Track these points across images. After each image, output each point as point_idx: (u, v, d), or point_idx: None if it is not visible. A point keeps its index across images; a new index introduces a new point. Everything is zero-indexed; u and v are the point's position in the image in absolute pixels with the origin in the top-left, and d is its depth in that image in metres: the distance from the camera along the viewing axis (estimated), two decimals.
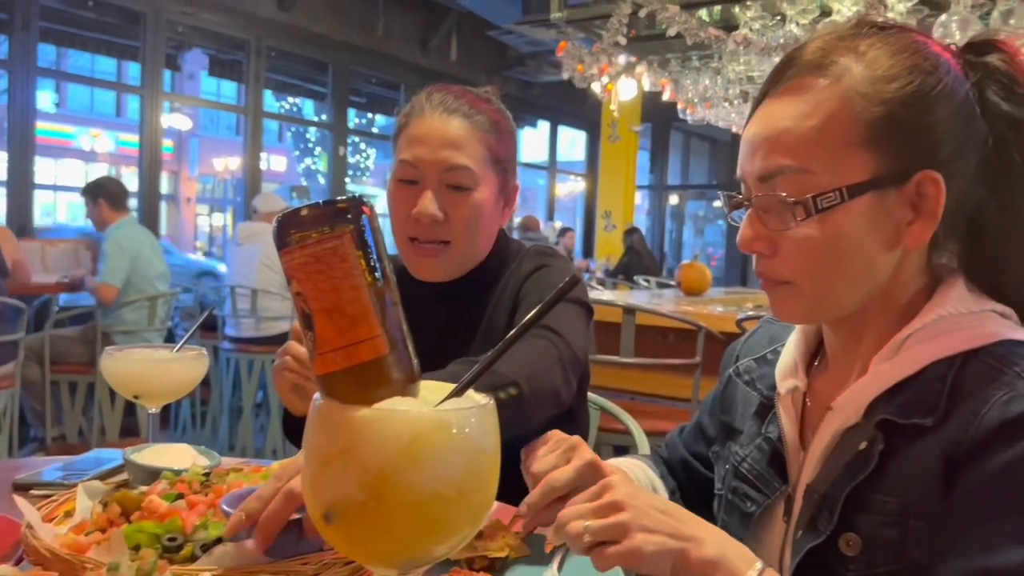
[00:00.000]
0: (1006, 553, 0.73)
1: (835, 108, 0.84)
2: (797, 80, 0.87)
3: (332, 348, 0.67)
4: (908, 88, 0.84)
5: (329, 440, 0.66)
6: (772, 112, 0.88)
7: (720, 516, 1.03)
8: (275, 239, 0.69)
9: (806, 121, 0.85)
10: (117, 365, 1.21)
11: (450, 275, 1.44)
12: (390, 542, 0.67)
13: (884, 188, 0.84)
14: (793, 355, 1.00)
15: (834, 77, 0.85)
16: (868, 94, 0.84)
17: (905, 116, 0.83)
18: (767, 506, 0.96)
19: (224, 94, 15.30)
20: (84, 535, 0.90)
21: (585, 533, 0.79)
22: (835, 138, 0.84)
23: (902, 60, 0.85)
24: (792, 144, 0.85)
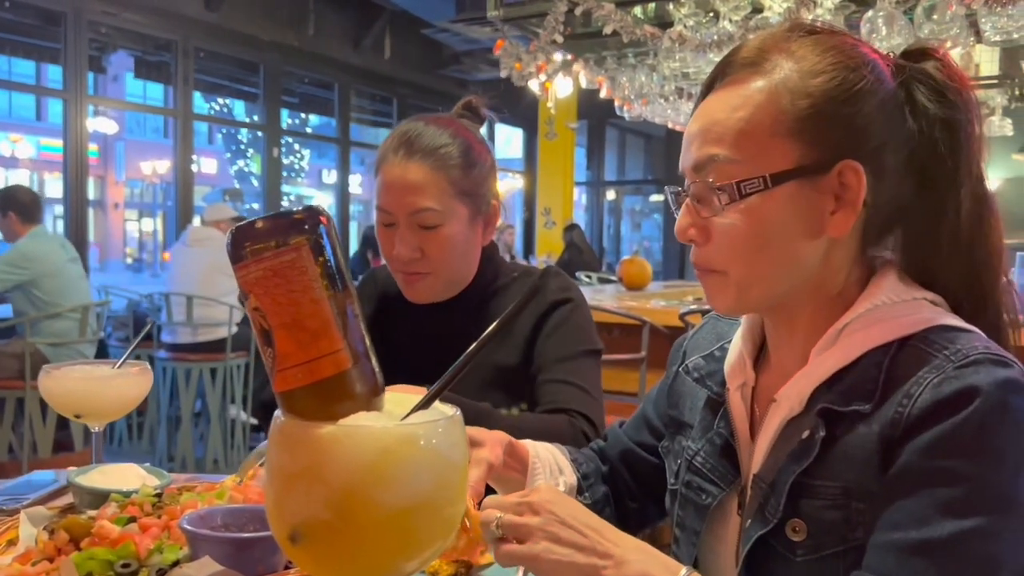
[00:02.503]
0: (939, 525, 0.77)
1: (763, 101, 0.89)
2: (733, 77, 0.93)
3: (293, 364, 0.65)
4: (832, 82, 0.88)
5: (292, 459, 0.64)
6: (708, 107, 0.94)
7: (675, 511, 1.04)
8: (230, 253, 0.66)
9: (735, 113, 0.90)
10: (56, 384, 1.16)
11: (439, 297, 1.53)
12: (359, 561, 0.65)
13: (807, 177, 0.88)
14: (740, 351, 1.02)
15: (765, 73, 0.90)
16: (795, 88, 0.88)
17: (828, 109, 0.88)
18: (722, 499, 0.98)
19: (151, 96, 14.91)
20: (31, 565, 0.86)
21: (494, 523, 0.83)
22: (761, 128, 0.88)
23: (828, 57, 0.90)
24: (721, 134, 0.90)
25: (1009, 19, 2.93)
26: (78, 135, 6.41)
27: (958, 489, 0.77)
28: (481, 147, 1.52)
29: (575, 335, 1.50)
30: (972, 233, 0.91)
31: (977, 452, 0.77)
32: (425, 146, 1.44)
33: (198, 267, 5.47)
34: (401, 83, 9.45)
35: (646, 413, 1.21)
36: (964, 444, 0.77)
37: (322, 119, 12.00)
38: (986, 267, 0.93)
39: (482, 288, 1.56)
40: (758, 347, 1.03)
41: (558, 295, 1.52)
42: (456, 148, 1.46)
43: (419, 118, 1.53)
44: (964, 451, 0.77)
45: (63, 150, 6.46)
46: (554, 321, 1.50)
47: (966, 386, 0.78)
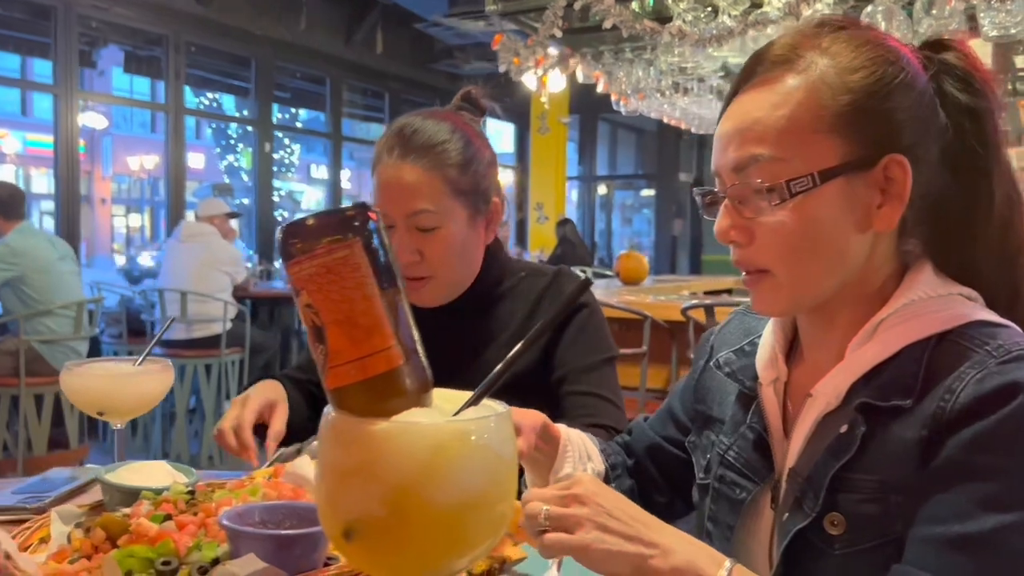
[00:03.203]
0: (980, 519, 0.77)
1: (803, 98, 0.89)
2: (766, 75, 0.93)
3: (345, 360, 0.65)
4: (872, 78, 0.89)
5: (347, 455, 0.64)
6: (743, 106, 0.93)
7: (707, 505, 1.05)
8: (281, 250, 0.66)
9: (776, 111, 0.89)
10: (80, 381, 1.15)
11: (441, 301, 1.49)
12: (412, 557, 0.65)
13: (853, 172, 0.88)
14: (772, 346, 1.02)
15: (801, 70, 0.91)
16: (834, 84, 0.89)
17: (869, 104, 0.88)
18: (755, 494, 0.98)
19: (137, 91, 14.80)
20: (67, 563, 0.86)
21: (541, 515, 0.82)
22: (804, 126, 0.88)
23: (864, 52, 0.90)
24: (763, 133, 0.90)
25: (1008, 14, 2.95)
26: (69, 130, 6.36)
27: (999, 484, 0.78)
28: (481, 141, 1.47)
29: (596, 343, 1.48)
30: (1004, 223, 0.92)
31: (1019, 447, 0.78)
32: (420, 144, 1.40)
33: (192, 263, 5.45)
34: (393, 77, 9.41)
35: (672, 408, 1.21)
36: (1007, 439, 0.78)
37: (311, 113, 11.94)
38: (1018, 258, 0.94)
39: (487, 290, 1.52)
40: (789, 342, 1.03)
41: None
42: (454, 144, 1.41)
43: (416, 113, 1.48)
44: (1007, 446, 0.78)
45: (53, 146, 6.41)
46: (574, 328, 1.47)
47: (1009, 382, 0.79)
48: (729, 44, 3.34)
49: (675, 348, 3.27)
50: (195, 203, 7.55)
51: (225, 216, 5.80)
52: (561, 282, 1.52)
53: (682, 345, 3.25)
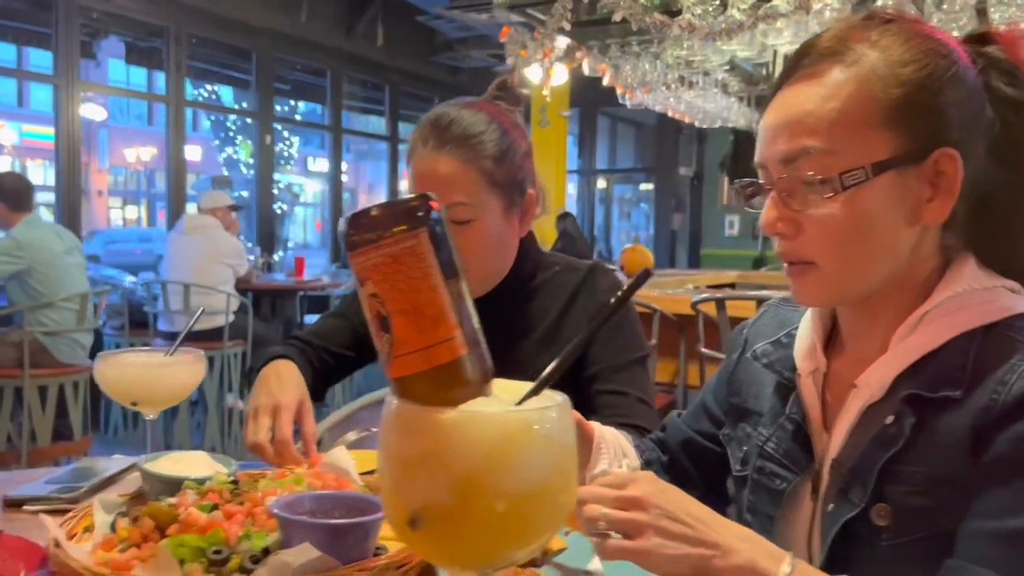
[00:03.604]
0: None
1: (855, 90, 0.89)
2: (813, 67, 0.93)
3: (411, 350, 0.65)
4: (924, 71, 0.89)
5: (413, 444, 0.65)
6: (791, 98, 0.93)
7: (745, 496, 1.05)
8: (344, 241, 0.66)
9: (827, 104, 0.89)
10: (115, 372, 1.16)
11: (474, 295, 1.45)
12: (476, 547, 0.66)
13: (904, 166, 0.89)
14: (811, 337, 1.03)
15: (850, 62, 0.91)
16: (886, 77, 0.89)
17: (921, 97, 0.88)
18: (795, 484, 0.99)
19: (134, 82, 14.75)
20: (117, 551, 0.86)
21: (601, 520, 0.81)
22: (856, 119, 0.89)
23: (916, 45, 0.90)
24: (815, 126, 0.90)
25: (1018, 8, 2.95)
26: (70, 122, 6.34)
27: None
28: (517, 132, 1.46)
29: (630, 341, 1.47)
30: None
31: None
32: (457, 135, 1.38)
33: (195, 255, 5.44)
34: (393, 70, 9.39)
35: (705, 402, 1.22)
36: None
37: (308, 106, 11.90)
38: None
39: (520, 283, 1.50)
40: (828, 333, 1.04)
41: (610, 296, 1.48)
42: (490, 136, 1.40)
43: (452, 103, 1.47)
44: None
45: (54, 138, 6.38)
46: (608, 326, 1.46)
47: None
48: (738, 38, 3.34)
49: (683, 342, 3.28)
50: (195, 196, 7.55)
51: (228, 208, 5.80)
52: (596, 277, 1.51)
53: (691, 339, 3.25)
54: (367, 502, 0.89)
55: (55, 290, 4.45)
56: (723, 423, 1.17)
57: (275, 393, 1.33)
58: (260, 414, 1.28)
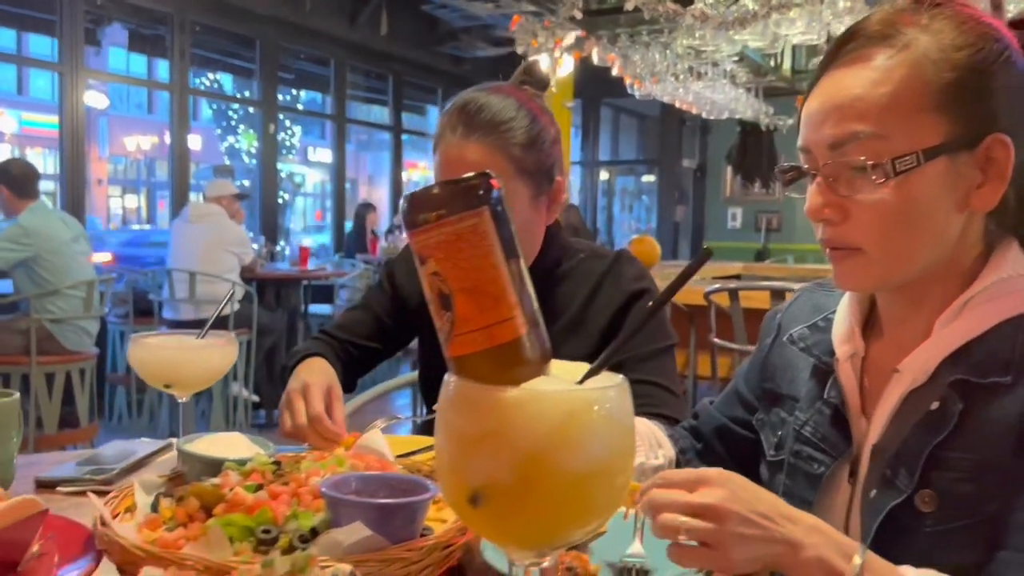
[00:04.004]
0: None
1: (907, 75, 0.88)
2: (861, 51, 0.91)
3: (472, 328, 0.65)
4: (978, 55, 0.88)
5: (475, 422, 0.65)
6: (838, 82, 0.92)
7: (781, 481, 1.05)
8: (406, 218, 0.66)
9: (878, 88, 0.89)
10: (148, 354, 1.15)
11: None
12: (536, 524, 0.66)
13: (956, 151, 0.88)
14: (849, 321, 1.03)
15: (901, 47, 0.89)
16: (938, 61, 0.88)
17: (974, 81, 0.88)
18: (833, 469, 0.99)
19: (134, 70, 14.69)
20: (162, 531, 0.86)
21: (680, 530, 0.79)
22: (908, 104, 0.88)
23: (968, 29, 0.89)
24: (865, 110, 0.89)
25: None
26: (75, 110, 6.32)
27: None
28: (546, 118, 1.45)
29: (656, 330, 1.46)
30: None
31: None
32: (485, 122, 1.37)
33: (199, 243, 5.44)
34: (397, 60, 9.36)
35: (738, 389, 1.22)
36: None
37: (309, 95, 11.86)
38: None
39: (546, 270, 1.50)
40: (866, 317, 1.03)
41: (635, 285, 1.47)
42: (520, 122, 1.39)
43: (480, 88, 1.46)
44: None
45: (58, 126, 6.36)
46: (635, 314, 1.45)
47: None
48: (751, 27, 3.33)
49: (694, 332, 3.28)
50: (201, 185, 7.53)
51: (233, 197, 5.79)
52: (621, 265, 1.51)
53: (702, 329, 3.25)
54: (412, 483, 0.89)
55: (61, 278, 4.44)
56: (755, 409, 1.16)
57: (304, 380, 1.35)
58: (292, 399, 1.30)
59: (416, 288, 1.65)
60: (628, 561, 0.91)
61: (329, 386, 1.36)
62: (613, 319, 1.46)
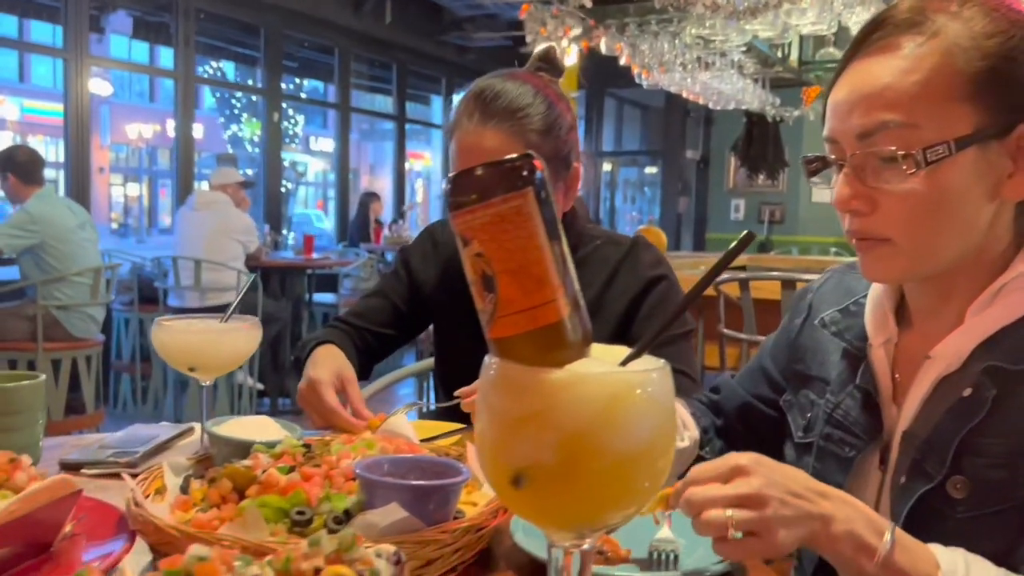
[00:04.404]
0: None
1: (937, 63, 0.87)
2: (889, 39, 0.90)
3: (516, 310, 0.65)
4: (1009, 43, 0.87)
5: (519, 403, 0.65)
6: (867, 71, 0.91)
7: (810, 463, 1.05)
8: (449, 199, 0.66)
9: (908, 76, 0.87)
10: (173, 337, 1.15)
11: None
12: (577, 505, 0.66)
13: (987, 141, 0.87)
14: (883, 308, 1.02)
15: (930, 34, 0.88)
16: (969, 49, 0.87)
17: (1007, 69, 0.87)
18: (864, 453, 0.99)
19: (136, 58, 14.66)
20: (194, 512, 0.86)
21: (728, 525, 0.78)
22: (939, 92, 0.87)
23: (999, 16, 0.88)
24: (894, 99, 0.88)
25: None
26: (79, 97, 6.30)
27: None
28: (563, 105, 1.44)
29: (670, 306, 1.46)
30: None
31: None
32: (502, 108, 1.37)
33: (205, 231, 5.44)
34: (401, 48, 9.34)
35: (764, 366, 1.21)
36: None
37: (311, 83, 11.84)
38: None
39: None
40: (897, 303, 1.03)
41: (653, 271, 1.47)
42: (537, 108, 1.38)
43: (496, 75, 1.45)
44: None
45: (63, 114, 6.34)
46: (652, 301, 1.45)
47: None
48: (762, 17, 3.32)
49: (702, 322, 3.28)
50: (203, 174, 7.53)
51: (239, 185, 5.78)
52: (638, 252, 1.51)
53: (711, 320, 3.25)
54: (444, 465, 0.90)
55: (68, 264, 4.44)
56: (782, 388, 1.16)
57: (310, 376, 1.38)
58: (306, 399, 1.34)
59: (432, 275, 1.65)
60: (658, 545, 0.91)
61: (337, 373, 1.37)
62: (630, 305, 1.45)
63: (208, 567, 0.58)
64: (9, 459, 0.79)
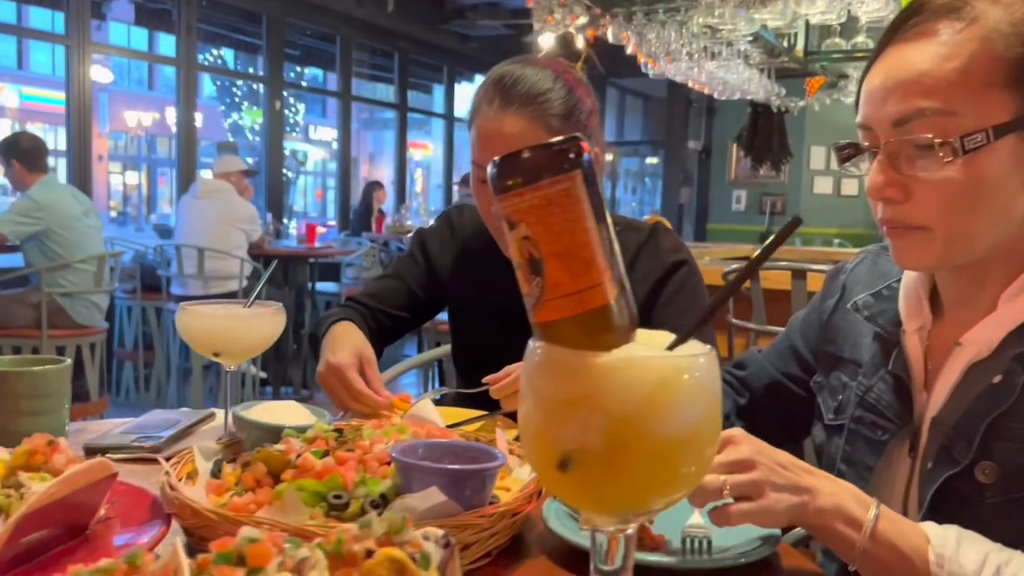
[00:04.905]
0: None
1: (976, 49, 0.86)
2: (927, 25, 0.89)
3: (564, 294, 0.65)
4: None
5: (567, 387, 0.64)
6: (903, 57, 0.90)
7: (840, 445, 1.05)
8: (495, 183, 0.65)
9: (946, 63, 0.86)
10: (198, 322, 1.15)
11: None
12: (623, 490, 0.66)
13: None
14: (918, 294, 1.02)
15: (969, 20, 0.88)
16: (1009, 35, 0.86)
17: None
18: (897, 438, 0.99)
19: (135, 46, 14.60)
20: (229, 496, 0.86)
21: (725, 488, 0.81)
22: (978, 79, 0.86)
23: None
24: (932, 86, 0.87)
25: None
26: (82, 85, 6.27)
27: None
28: (583, 90, 1.44)
29: (694, 302, 1.46)
30: None
31: None
32: (523, 94, 1.37)
33: (208, 219, 5.43)
34: (403, 37, 9.30)
35: (795, 345, 1.20)
36: None
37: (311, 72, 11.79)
38: None
39: None
40: (930, 289, 1.03)
41: (673, 256, 1.47)
42: (557, 93, 1.38)
43: (515, 61, 1.46)
44: None
45: (65, 102, 6.32)
46: (672, 287, 1.45)
47: None
48: (771, 6, 3.31)
49: None
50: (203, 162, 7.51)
51: (242, 173, 5.77)
52: (658, 237, 1.51)
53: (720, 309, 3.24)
54: (478, 450, 0.89)
55: (72, 252, 4.44)
56: (812, 368, 1.16)
57: (327, 357, 1.38)
58: (330, 384, 1.34)
59: (449, 260, 1.65)
60: (690, 532, 0.91)
61: (358, 353, 1.38)
62: (652, 291, 1.46)
63: (260, 548, 0.58)
64: (47, 441, 0.79)
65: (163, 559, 0.57)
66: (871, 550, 0.82)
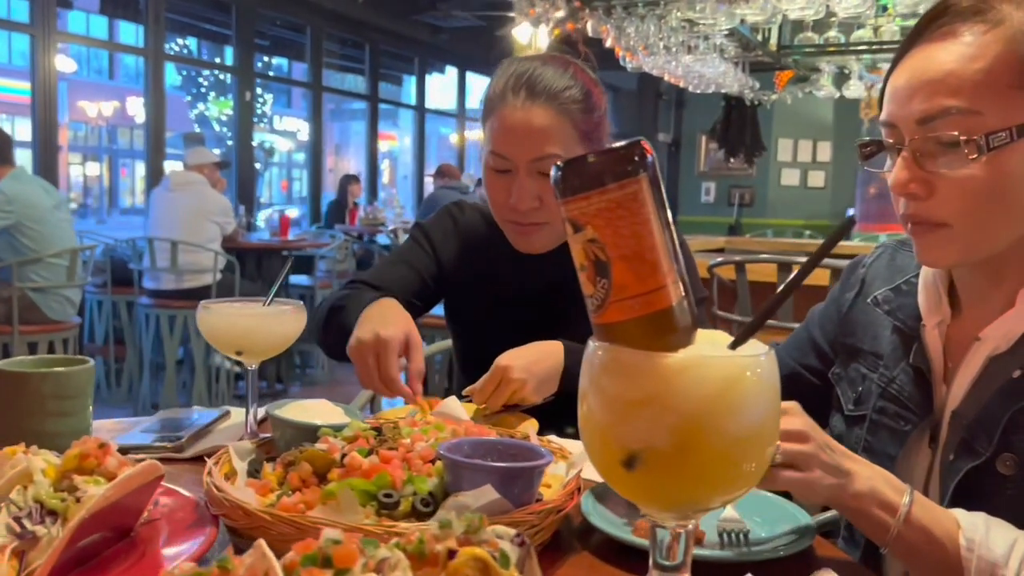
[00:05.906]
0: None
1: (1001, 51, 0.89)
2: (952, 26, 0.92)
3: (630, 296, 0.66)
4: None
5: (635, 387, 0.66)
6: (929, 57, 0.92)
7: (862, 436, 1.08)
8: (561, 185, 0.66)
9: (972, 63, 0.89)
10: (221, 320, 1.14)
11: (549, 248, 1.49)
12: (687, 488, 0.67)
13: None
14: (937, 289, 1.04)
15: (994, 23, 0.90)
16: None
17: None
18: (917, 429, 1.02)
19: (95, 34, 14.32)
20: (275, 496, 0.86)
21: (776, 453, 0.84)
22: (1003, 79, 0.89)
23: None
24: (958, 86, 0.89)
25: None
26: (47, 75, 6.14)
27: None
28: (598, 89, 1.47)
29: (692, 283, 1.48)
30: None
31: None
32: (547, 88, 1.39)
33: (181, 212, 5.36)
34: (374, 28, 9.23)
35: (813, 337, 1.23)
36: None
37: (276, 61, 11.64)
38: None
39: None
40: (949, 284, 1.06)
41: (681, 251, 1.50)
42: (577, 90, 1.41)
43: (528, 58, 1.48)
44: None
45: (30, 92, 6.18)
46: None
47: None
48: (752, 1, 3.35)
49: None
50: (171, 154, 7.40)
51: (214, 165, 5.70)
52: None
53: None
54: (521, 447, 0.90)
55: (44, 246, 4.36)
56: (830, 360, 1.18)
57: (376, 328, 1.27)
58: (364, 355, 1.25)
59: (453, 254, 1.64)
60: (726, 525, 0.93)
61: (407, 334, 1.29)
62: None
63: (345, 550, 0.58)
64: (99, 444, 0.79)
65: (250, 562, 0.58)
66: (904, 534, 0.85)
